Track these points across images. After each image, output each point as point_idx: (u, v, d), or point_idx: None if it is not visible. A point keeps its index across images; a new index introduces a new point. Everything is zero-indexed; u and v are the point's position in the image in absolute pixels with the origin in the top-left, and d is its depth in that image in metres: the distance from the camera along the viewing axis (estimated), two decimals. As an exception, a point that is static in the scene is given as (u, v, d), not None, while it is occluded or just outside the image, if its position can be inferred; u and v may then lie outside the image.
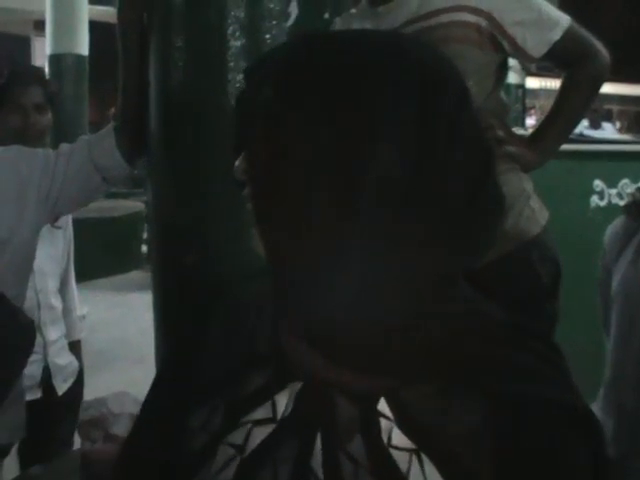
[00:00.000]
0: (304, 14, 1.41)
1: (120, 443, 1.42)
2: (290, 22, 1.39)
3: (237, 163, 0.71)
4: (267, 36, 1.39)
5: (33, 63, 10.65)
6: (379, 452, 0.63)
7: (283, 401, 0.68)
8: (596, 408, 1.62)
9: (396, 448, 0.63)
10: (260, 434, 0.68)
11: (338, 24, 1.52)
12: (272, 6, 1.38)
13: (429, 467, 0.62)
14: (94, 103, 8.80)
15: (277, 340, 0.73)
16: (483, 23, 1.49)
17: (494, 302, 0.72)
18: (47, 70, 6.77)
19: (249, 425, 0.69)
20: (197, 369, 0.77)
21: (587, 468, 0.63)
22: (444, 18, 1.49)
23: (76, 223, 2.42)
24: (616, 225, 1.71)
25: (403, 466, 0.62)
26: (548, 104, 1.71)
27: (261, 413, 0.69)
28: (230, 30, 1.39)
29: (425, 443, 0.63)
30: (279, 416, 0.68)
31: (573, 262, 2.08)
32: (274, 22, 1.39)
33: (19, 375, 1.55)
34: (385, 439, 0.64)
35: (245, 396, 0.71)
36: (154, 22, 1.48)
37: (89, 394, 2.34)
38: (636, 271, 1.57)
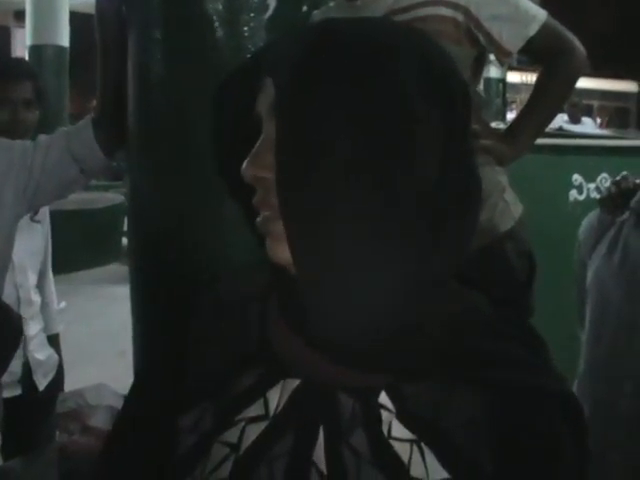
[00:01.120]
0: (283, 7, 1.41)
1: (97, 435, 1.42)
2: (268, 14, 1.39)
3: (245, 164, 0.66)
4: (245, 28, 1.39)
5: (13, 54, 10.56)
6: (381, 444, 0.64)
7: (275, 398, 0.69)
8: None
9: (396, 439, 0.64)
10: (254, 432, 0.68)
11: (316, 17, 1.52)
12: (250, -2, 1.38)
13: (429, 457, 0.64)
14: (75, 95, 8.72)
15: (266, 338, 0.73)
16: (460, 17, 1.49)
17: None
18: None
19: (242, 423, 0.69)
20: (185, 372, 0.76)
21: (574, 450, 0.67)
22: (421, 12, 1.50)
23: (56, 215, 2.40)
24: (591, 218, 1.72)
25: (404, 457, 0.64)
26: (528, 98, 1.72)
27: (253, 411, 0.69)
28: (209, 23, 1.39)
29: (425, 434, 0.64)
30: (271, 413, 0.68)
31: (552, 256, 2.10)
32: (252, 14, 1.39)
33: (4, 371, 1.54)
34: (385, 431, 0.65)
35: (236, 395, 0.71)
36: (133, 15, 1.47)
37: (69, 388, 2.32)
38: (609, 265, 1.58)
